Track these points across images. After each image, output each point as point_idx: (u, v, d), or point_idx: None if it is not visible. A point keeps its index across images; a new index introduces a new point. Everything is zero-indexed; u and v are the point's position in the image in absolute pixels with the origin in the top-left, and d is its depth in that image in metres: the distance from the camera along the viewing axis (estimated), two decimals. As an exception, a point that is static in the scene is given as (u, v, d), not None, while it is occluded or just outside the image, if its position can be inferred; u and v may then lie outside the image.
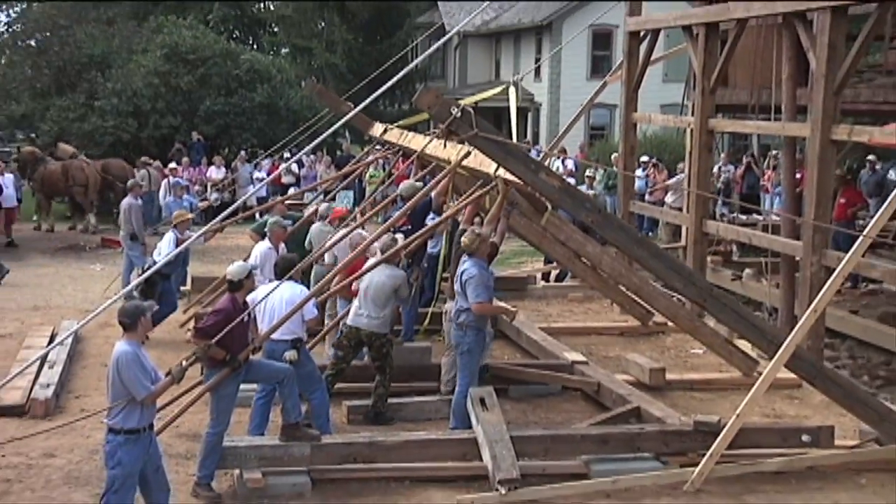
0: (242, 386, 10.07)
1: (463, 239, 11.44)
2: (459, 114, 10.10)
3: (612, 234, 11.47)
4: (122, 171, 28.06)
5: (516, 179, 11.24)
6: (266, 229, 14.48)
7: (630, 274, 14.77)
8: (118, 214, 27.49)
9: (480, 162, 11.88)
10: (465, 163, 12.64)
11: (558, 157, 28.82)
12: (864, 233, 11.38)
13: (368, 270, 11.84)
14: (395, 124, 19.87)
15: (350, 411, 11.84)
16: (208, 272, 18.36)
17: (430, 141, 14.28)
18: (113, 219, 27.12)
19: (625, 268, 14.91)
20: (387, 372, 11.77)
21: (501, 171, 11.48)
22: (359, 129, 21.04)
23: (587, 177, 21.72)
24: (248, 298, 10.17)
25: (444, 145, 13.11)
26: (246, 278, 9.93)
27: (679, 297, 14.73)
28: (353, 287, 12.08)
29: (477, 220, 13.58)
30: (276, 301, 10.61)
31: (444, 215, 13.77)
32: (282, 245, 14.11)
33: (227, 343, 9.36)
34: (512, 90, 24.13)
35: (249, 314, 9.95)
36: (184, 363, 8.98)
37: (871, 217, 13.70)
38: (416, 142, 16.00)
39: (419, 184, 14.83)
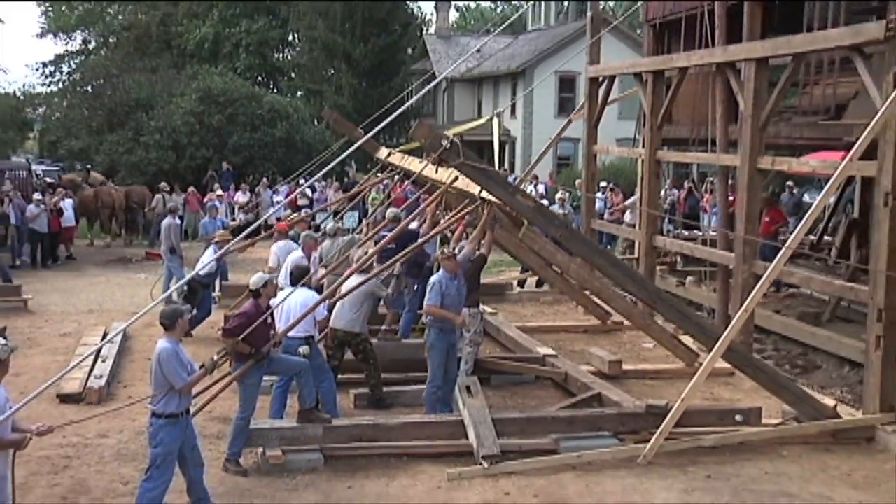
0: (264, 377, 10.11)
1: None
2: (448, 145, 10.15)
3: (577, 247, 11.53)
4: (141, 196, 28.73)
5: (497, 200, 11.29)
6: (300, 241, 14.57)
7: (592, 279, 14.83)
8: (143, 230, 27.95)
9: (467, 184, 11.92)
10: (455, 184, 12.70)
11: (531, 183, 28.87)
12: (786, 246, 11.46)
13: (346, 279, 11.91)
14: (398, 149, 19.98)
15: (356, 398, 11.85)
16: (236, 280, 18.34)
17: (426, 165, 14.31)
18: (138, 235, 28.41)
19: (588, 274, 14.98)
20: (371, 364, 11.75)
21: (485, 193, 11.54)
22: (368, 152, 21.05)
23: (559, 198, 21.76)
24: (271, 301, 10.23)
25: (437, 170, 13.13)
26: (264, 287, 9.93)
27: (633, 298, 14.83)
28: None
29: (464, 236, 13.65)
30: (291, 304, 10.65)
31: (435, 230, 13.80)
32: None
33: (251, 340, 9.41)
34: (495, 122, 24.27)
35: (271, 315, 9.99)
36: (215, 357, 9.00)
37: (791, 232, 13.77)
38: (414, 164, 16.05)
39: (401, 212, 15.03)
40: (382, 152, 19.52)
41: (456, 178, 12.54)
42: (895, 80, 11.08)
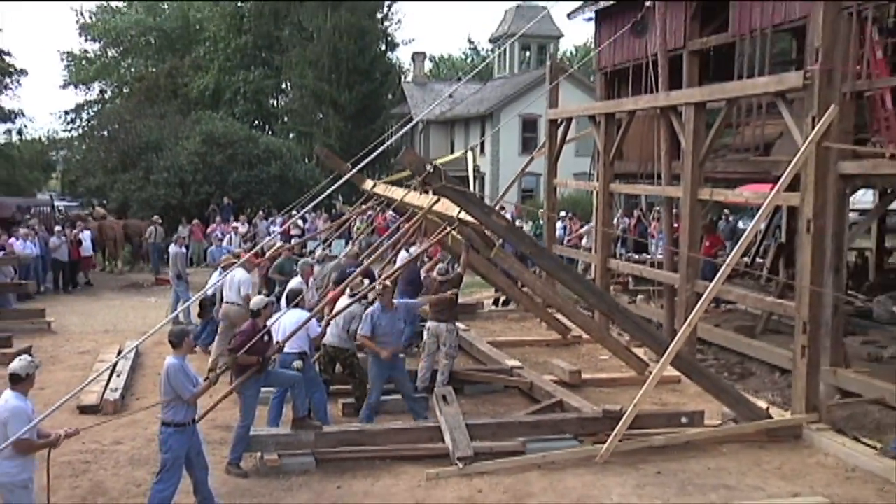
0: (262, 389, 10.08)
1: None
2: (432, 169, 10.20)
3: (544, 263, 11.51)
4: (137, 228, 28.96)
5: (474, 220, 11.31)
6: (297, 267, 14.47)
7: (556, 296, 14.89)
8: (143, 257, 27.88)
9: (446, 208, 11.92)
10: (434, 207, 12.70)
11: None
12: (724, 267, 11.55)
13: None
14: (382, 180, 20.04)
15: (344, 407, 11.80)
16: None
17: (408, 192, 14.34)
18: (136, 260, 28.63)
19: (552, 292, 15.03)
20: (357, 378, 11.69)
21: (462, 214, 11.53)
22: (354, 185, 21.11)
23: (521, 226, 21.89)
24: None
25: (421, 193, 13.12)
26: (264, 308, 9.90)
27: (591, 314, 14.91)
28: None
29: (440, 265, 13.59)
30: (286, 323, 10.60)
31: (414, 255, 13.82)
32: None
33: (251, 353, 9.38)
34: (470, 154, 24.32)
35: (268, 333, 9.98)
36: (217, 372, 9.01)
37: (728, 255, 13.92)
38: (396, 193, 16.05)
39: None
40: (368, 184, 19.59)
41: (436, 202, 12.54)
42: (813, 122, 11.27)
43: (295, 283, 13.38)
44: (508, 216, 29.91)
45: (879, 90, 11.38)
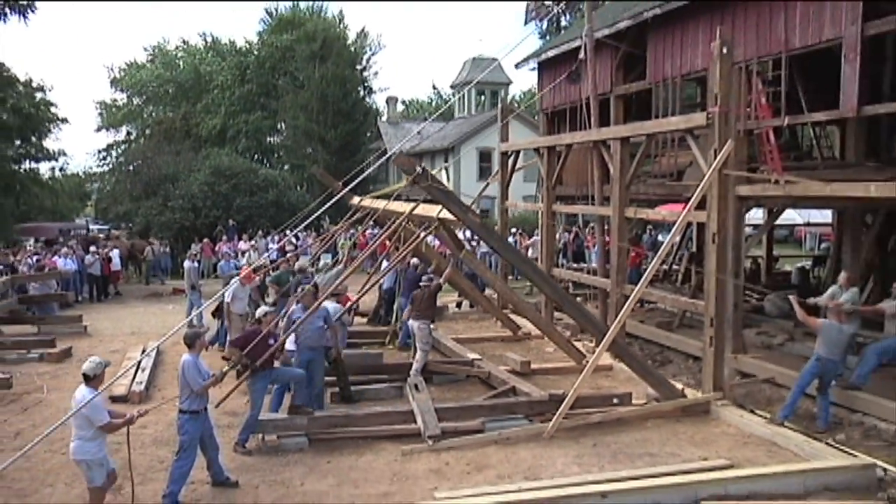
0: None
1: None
2: (421, 170, 10.20)
3: (508, 255, 11.52)
4: (141, 246, 29.15)
5: (453, 217, 11.26)
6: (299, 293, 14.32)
7: (512, 295, 14.92)
8: (148, 273, 27.97)
9: (425, 211, 11.89)
10: (415, 212, 12.70)
11: (461, 229, 28.87)
12: (647, 273, 11.67)
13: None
14: (370, 195, 20.14)
15: (331, 396, 11.69)
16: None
17: (389, 202, 14.37)
18: (142, 274, 28.54)
19: (509, 290, 15.06)
20: (340, 371, 11.62)
21: (442, 214, 11.48)
22: (341, 205, 21.08)
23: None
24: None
25: (406, 199, 13.10)
26: (264, 316, 9.93)
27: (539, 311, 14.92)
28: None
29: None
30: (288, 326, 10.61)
31: (393, 262, 13.77)
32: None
33: (250, 353, 9.37)
34: (443, 172, 24.39)
35: (274, 336, 9.90)
36: (224, 369, 8.99)
37: (650, 264, 14.08)
38: (380, 203, 16.04)
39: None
40: (355, 199, 19.70)
41: (414, 207, 12.51)
42: (715, 153, 11.45)
43: (333, 307, 12.54)
44: (468, 233, 30.27)
45: (765, 129, 11.62)
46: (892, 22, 10.60)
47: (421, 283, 13.57)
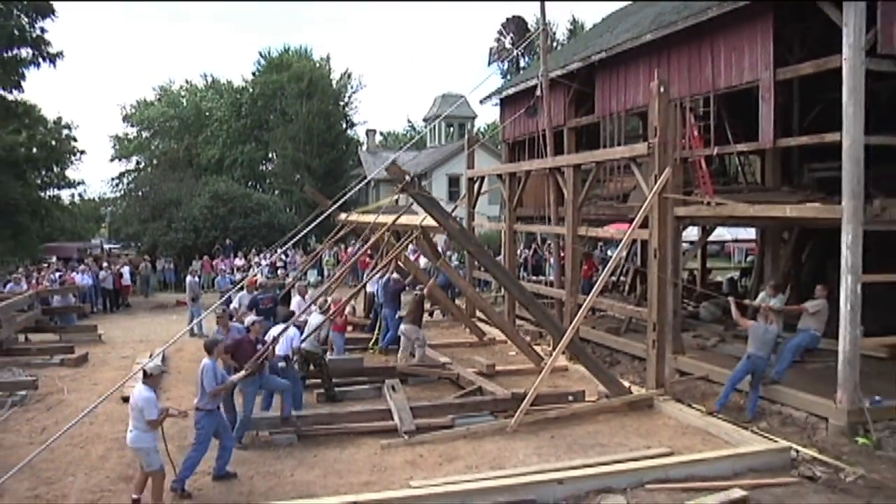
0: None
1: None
2: (409, 178, 10.15)
3: (483, 259, 11.43)
4: (139, 261, 29.04)
5: (436, 223, 11.18)
6: (295, 287, 14.66)
7: (481, 301, 14.89)
8: (145, 286, 27.68)
9: (408, 220, 11.78)
10: (398, 222, 12.62)
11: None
12: (597, 284, 11.76)
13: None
14: (357, 210, 20.15)
15: (317, 396, 11.58)
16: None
17: (378, 215, 14.33)
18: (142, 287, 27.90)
19: (479, 297, 15.01)
20: (325, 374, 11.56)
21: (426, 222, 11.38)
22: (330, 222, 21.05)
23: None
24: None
25: (396, 201, 13.06)
26: (253, 325, 9.99)
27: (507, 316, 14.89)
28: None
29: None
30: (276, 334, 10.52)
31: (376, 270, 13.71)
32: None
33: (239, 357, 9.36)
34: (424, 183, 24.36)
35: (262, 342, 9.82)
36: (234, 378, 8.90)
37: (600, 276, 14.15)
38: (367, 217, 15.96)
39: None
40: (343, 216, 19.65)
41: (398, 217, 12.41)
42: (655, 179, 11.59)
43: (316, 318, 12.54)
44: (439, 249, 30.31)
45: (697, 157, 11.79)
46: (796, 70, 10.94)
47: (415, 292, 13.81)
